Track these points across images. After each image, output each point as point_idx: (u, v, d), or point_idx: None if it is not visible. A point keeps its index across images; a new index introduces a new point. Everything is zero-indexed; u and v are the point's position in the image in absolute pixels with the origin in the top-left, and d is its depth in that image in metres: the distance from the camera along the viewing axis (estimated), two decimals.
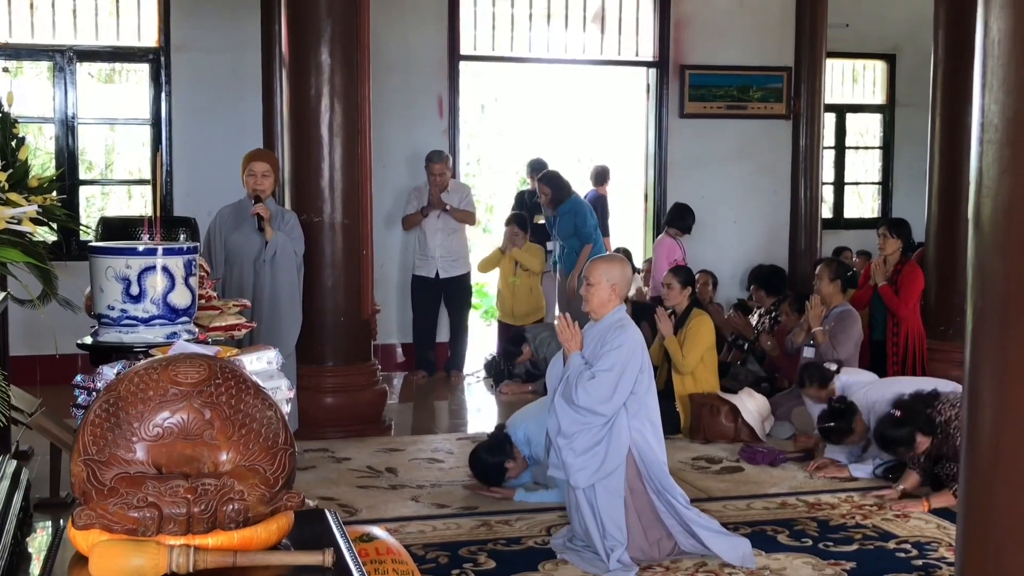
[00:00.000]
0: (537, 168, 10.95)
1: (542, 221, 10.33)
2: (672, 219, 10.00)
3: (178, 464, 2.10)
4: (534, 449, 6.02)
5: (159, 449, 2.09)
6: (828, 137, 11.65)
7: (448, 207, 9.41)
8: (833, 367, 6.99)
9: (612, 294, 5.08)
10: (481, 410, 8.90)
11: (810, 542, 5.32)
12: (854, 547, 5.26)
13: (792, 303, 8.69)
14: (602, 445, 4.97)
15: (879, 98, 12.16)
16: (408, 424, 8.14)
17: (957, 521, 2.40)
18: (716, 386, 7.66)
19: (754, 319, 9.20)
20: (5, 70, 9.53)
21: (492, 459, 6.05)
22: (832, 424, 6.48)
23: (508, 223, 10.10)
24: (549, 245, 9.98)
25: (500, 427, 6.26)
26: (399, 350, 10.13)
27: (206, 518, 2.03)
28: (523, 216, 10.20)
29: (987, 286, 2.17)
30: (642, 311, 8.73)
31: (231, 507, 2.04)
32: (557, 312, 9.63)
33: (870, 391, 6.59)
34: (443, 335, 9.87)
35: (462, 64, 10.33)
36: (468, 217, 9.63)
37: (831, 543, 5.31)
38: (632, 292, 9.95)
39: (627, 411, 4.99)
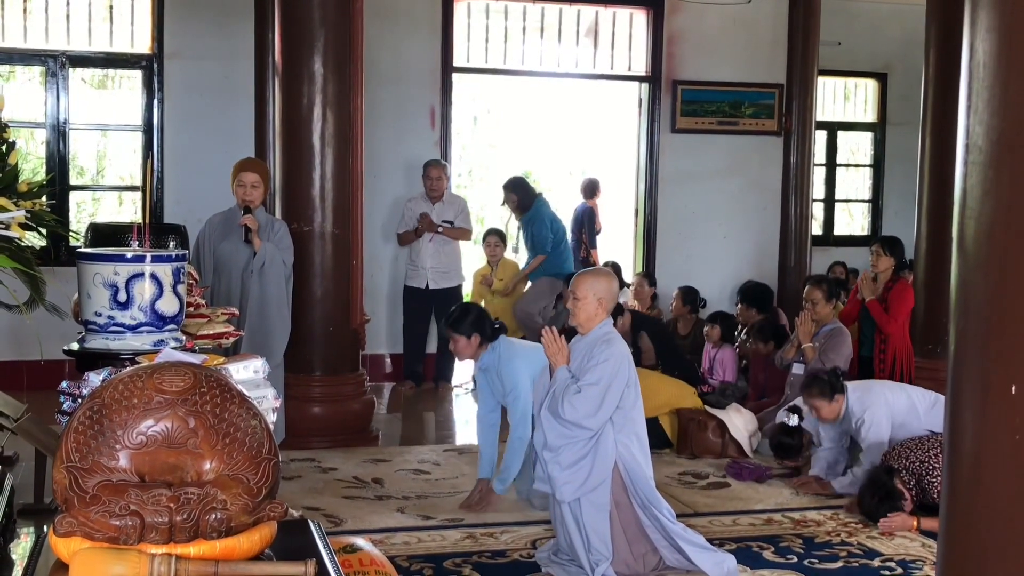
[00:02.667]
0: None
1: None
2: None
3: (161, 472, 2.09)
4: (494, 362, 6.05)
5: (142, 457, 2.09)
6: (819, 154, 11.69)
7: (440, 228, 9.43)
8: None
9: (599, 308, 5.08)
10: (469, 422, 8.88)
11: (795, 559, 5.32)
12: (839, 564, 5.27)
13: (758, 333, 8.59)
14: (588, 459, 4.97)
15: (870, 116, 12.20)
16: (395, 435, 8.12)
17: (938, 540, 2.41)
18: (691, 398, 7.64)
19: (741, 336, 9.20)
20: None
21: (465, 322, 6.05)
22: (819, 378, 6.54)
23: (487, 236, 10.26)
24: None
25: (501, 326, 6.22)
26: (388, 360, 10.12)
27: (188, 527, 2.02)
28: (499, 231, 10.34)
29: (969, 306, 2.18)
30: (641, 323, 8.73)
31: (214, 516, 2.04)
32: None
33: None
34: (432, 346, 9.86)
35: (455, 76, 10.34)
36: (463, 235, 9.71)
37: (816, 560, 5.31)
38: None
39: (613, 425, 4.99)
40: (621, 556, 4.97)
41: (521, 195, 9.67)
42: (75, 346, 3.59)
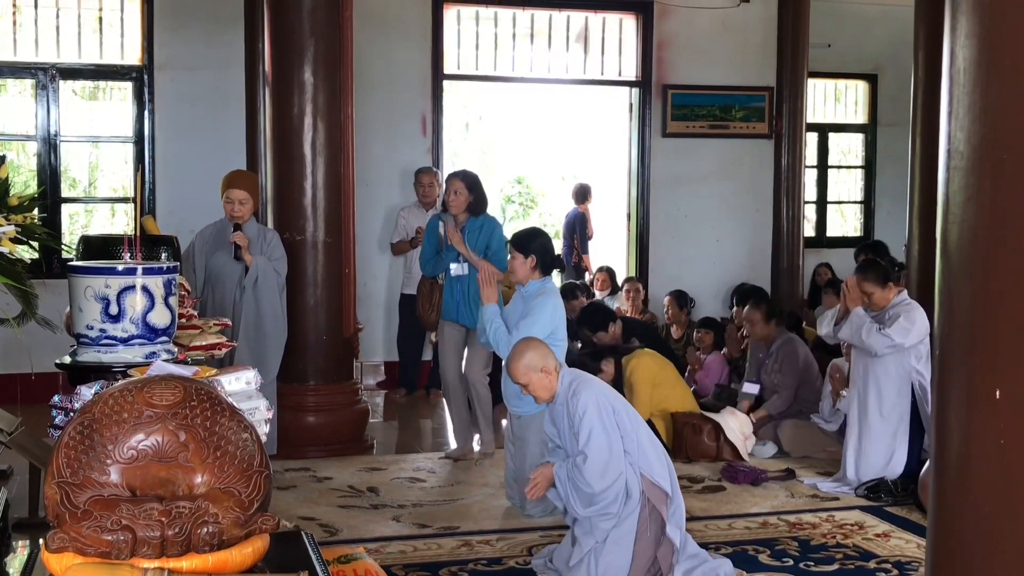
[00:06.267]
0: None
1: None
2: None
3: (152, 487, 2.09)
4: (537, 291, 6.18)
5: (133, 472, 2.09)
6: (810, 156, 11.71)
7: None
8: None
9: (547, 376, 5.03)
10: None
11: (791, 562, 5.32)
12: (835, 567, 5.27)
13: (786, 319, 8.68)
14: (620, 497, 4.92)
15: (861, 118, 12.23)
16: (390, 443, 8.11)
17: (927, 543, 2.42)
18: (692, 404, 7.65)
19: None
20: None
21: (531, 244, 6.25)
22: (880, 262, 7.01)
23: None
24: (455, 269, 7.35)
25: (558, 259, 6.45)
26: (382, 369, 10.11)
27: (180, 541, 2.03)
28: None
29: (954, 312, 2.19)
30: (631, 329, 8.69)
31: (205, 530, 2.04)
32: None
33: None
34: (428, 354, 9.83)
35: (446, 83, 10.35)
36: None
37: (812, 563, 5.31)
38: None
39: (627, 455, 4.94)
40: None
41: (478, 195, 7.43)
42: (67, 359, 3.59)
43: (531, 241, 6.29)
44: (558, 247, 11.83)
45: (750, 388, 7.83)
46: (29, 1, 9.18)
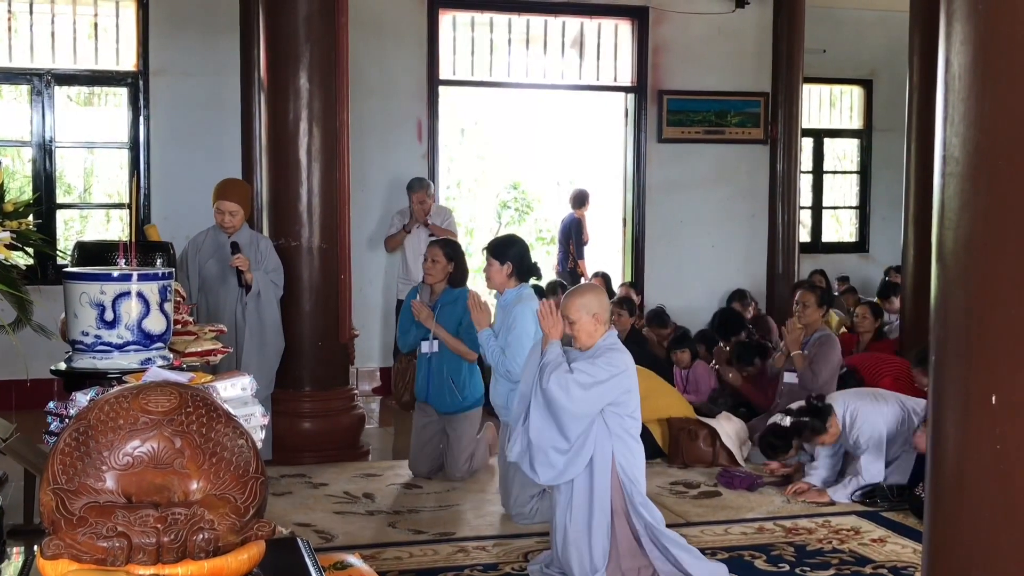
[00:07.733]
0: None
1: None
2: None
3: (148, 493, 2.09)
4: (514, 299, 6.16)
5: (129, 478, 2.09)
6: (806, 162, 11.73)
7: (430, 222, 9.39)
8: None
9: (596, 323, 5.01)
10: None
11: (787, 567, 5.32)
12: (831, 572, 5.27)
13: (739, 359, 8.45)
14: (570, 452, 4.90)
15: (856, 123, 12.25)
16: (386, 449, 8.10)
17: (923, 548, 2.42)
18: (687, 408, 7.63)
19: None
20: None
21: (506, 250, 6.20)
22: (807, 420, 6.49)
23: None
24: (425, 346, 6.89)
25: (536, 268, 6.35)
26: (377, 375, 10.11)
27: (176, 548, 2.03)
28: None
29: (949, 318, 2.20)
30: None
31: (201, 536, 2.04)
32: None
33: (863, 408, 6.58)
34: None
35: (441, 88, 10.36)
36: (449, 235, 9.61)
37: (808, 568, 5.31)
38: None
39: (609, 430, 4.93)
40: (611, 570, 4.94)
41: (459, 266, 7.03)
42: (62, 366, 3.58)
43: (508, 248, 6.24)
44: (554, 252, 11.87)
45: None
46: (24, 7, 9.18)
